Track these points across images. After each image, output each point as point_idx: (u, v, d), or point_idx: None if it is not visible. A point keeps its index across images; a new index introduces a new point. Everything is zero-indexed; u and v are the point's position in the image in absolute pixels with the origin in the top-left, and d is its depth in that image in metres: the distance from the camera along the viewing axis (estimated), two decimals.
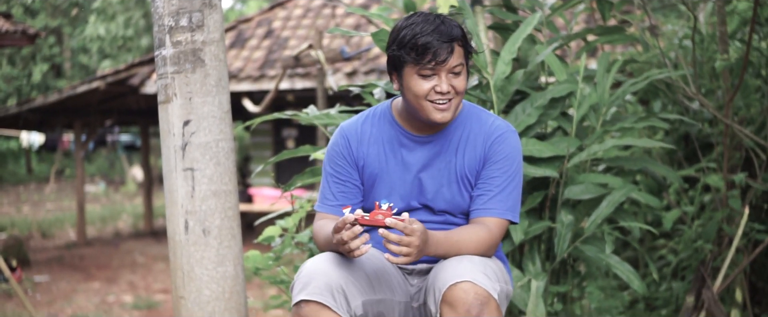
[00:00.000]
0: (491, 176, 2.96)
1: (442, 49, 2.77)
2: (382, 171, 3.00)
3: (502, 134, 2.98)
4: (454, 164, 2.98)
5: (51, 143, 35.57)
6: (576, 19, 5.07)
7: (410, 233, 2.61)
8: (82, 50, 29.16)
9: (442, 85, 2.81)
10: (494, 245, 2.93)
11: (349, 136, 3.05)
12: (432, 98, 2.84)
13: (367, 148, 3.02)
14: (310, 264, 2.77)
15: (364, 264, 2.88)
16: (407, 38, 2.79)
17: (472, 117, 3.03)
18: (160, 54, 3.20)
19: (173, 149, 3.19)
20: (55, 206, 21.40)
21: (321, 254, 2.84)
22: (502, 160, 2.96)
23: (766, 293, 5.27)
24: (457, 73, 2.84)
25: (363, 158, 3.02)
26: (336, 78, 11.25)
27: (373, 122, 3.06)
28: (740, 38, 5.47)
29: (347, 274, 2.77)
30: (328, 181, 3.05)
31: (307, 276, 2.72)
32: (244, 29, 14.10)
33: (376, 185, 3.01)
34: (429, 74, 2.81)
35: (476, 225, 2.93)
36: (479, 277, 2.66)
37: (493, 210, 2.95)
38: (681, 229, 5.49)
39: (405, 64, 2.83)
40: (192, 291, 3.21)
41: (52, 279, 11.27)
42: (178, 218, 3.21)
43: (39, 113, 15.00)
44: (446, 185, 2.98)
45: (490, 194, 2.95)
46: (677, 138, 5.71)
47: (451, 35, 2.79)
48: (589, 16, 10.88)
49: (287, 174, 13.61)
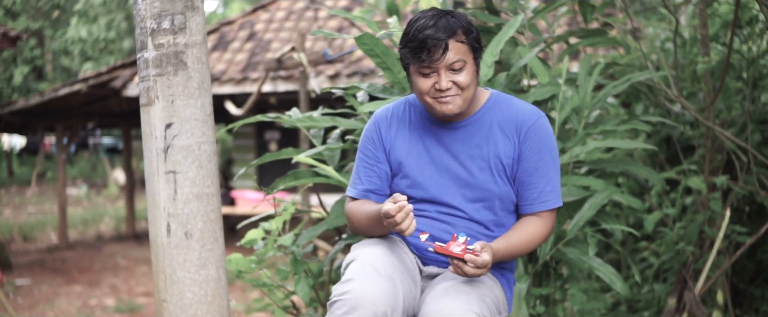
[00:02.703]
0: (536, 168, 2.98)
1: (435, 46, 2.78)
2: (409, 156, 3.03)
3: (534, 122, 2.98)
4: (486, 151, 2.98)
5: (32, 145, 35.44)
6: (558, 22, 5.09)
7: (482, 267, 2.67)
8: (63, 53, 29.01)
9: (441, 82, 2.83)
10: (548, 235, 3.04)
11: (379, 121, 3.11)
12: (434, 95, 2.87)
13: (396, 132, 3.06)
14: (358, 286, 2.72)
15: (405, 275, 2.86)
16: (409, 35, 2.83)
17: (501, 104, 3.04)
18: (142, 57, 3.19)
19: (155, 152, 3.18)
20: (37, 209, 21.30)
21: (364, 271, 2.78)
22: (541, 150, 2.98)
23: (748, 295, 5.30)
24: (457, 70, 2.84)
25: (390, 142, 3.06)
26: (319, 81, 11.24)
27: (405, 108, 3.11)
28: (722, 41, 5.50)
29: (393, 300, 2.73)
30: (358, 166, 3.12)
31: (355, 300, 2.69)
32: (227, 32, 14.07)
33: (403, 170, 3.04)
34: (428, 72, 2.84)
35: (531, 222, 3.00)
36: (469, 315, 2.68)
37: (545, 203, 3.00)
38: (663, 231, 5.52)
39: (410, 64, 2.88)
40: (174, 294, 3.20)
41: (33, 283, 11.21)
42: (161, 221, 3.19)
43: (20, 115, 14.92)
44: (478, 171, 2.98)
45: (539, 186, 2.99)
46: (659, 141, 5.74)
47: (449, 30, 2.79)
48: (571, 18, 10.91)
49: (270, 177, 13.48)
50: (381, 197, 3.07)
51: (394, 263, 2.86)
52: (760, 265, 5.34)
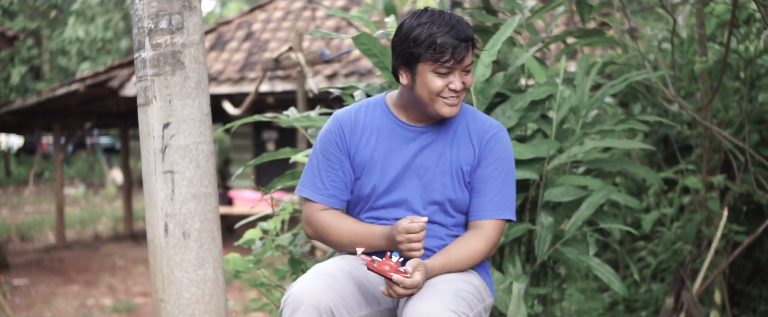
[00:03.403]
0: (489, 177, 3.01)
1: (460, 48, 2.83)
2: (374, 159, 3.02)
3: (496, 133, 3.04)
4: (448, 157, 3.01)
5: (30, 145, 35.38)
6: (556, 22, 5.09)
7: (411, 288, 2.69)
8: (61, 52, 28.94)
9: (455, 82, 2.88)
10: (491, 250, 3.01)
11: (342, 123, 3.07)
12: (445, 94, 2.90)
13: (360, 136, 3.04)
14: (297, 287, 2.78)
15: (351, 280, 2.89)
16: (423, 36, 2.84)
17: (466, 114, 3.08)
18: (139, 56, 3.19)
19: (153, 152, 3.18)
20: (34, 209, 21.27)
21: (306, 276, 2.84)
22: (498, 160, 3.02)
23: (745, 294, 5.31)
24: (468, 71, 2.91)
25: (355, 146, 3.04)
26: (316, 80, 11.24)
27: (367, 111, 3.09)
28: (719, 41, 5.50)
29: (335, 294, 2.77)
30: (319, 169, 3.06)
31: (296, 300, 2.74)
32: (224, 32, 14.06)
33: (367, 172, 3.03)
34: (445, 73, 2.87)
35: (472, 236, 2.99)
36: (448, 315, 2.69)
37: (491, 213, 3.01)
38: (660, 231, 5.52)
39: (419, 62, 2.88)
40: (172, 294, 3.20)
41: (31, 283, 11.20)
42: (158, 221, 3.19)
43: (18, 115, 14.90)
44: (439, 176, 3.00)
45: (488, 195, 3.01)
46: (656, 140, 5.73)
47: (467, 35, 2.85)
48: (568, 18, 10.91)
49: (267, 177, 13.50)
50: (343, 203, 3.07)
51: (343, 266, 2.93)
52: (758, 265, 5.34)
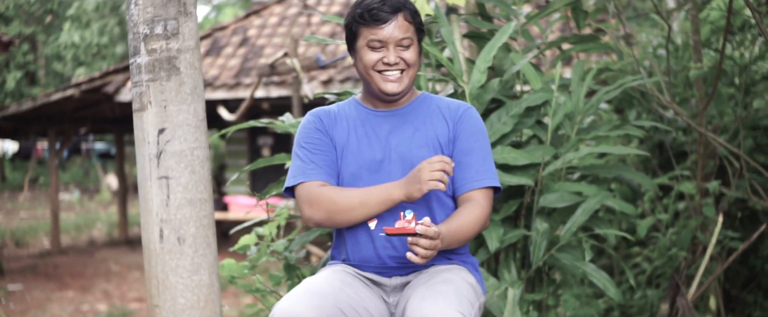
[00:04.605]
0: (471, 149, 3.05)
1: (385, 14, 2.91)
2: (350, 142, 3.06)
3: (466, 109, 3.11)
4: (422, 132, 3.05)
5: (25, 151, 35.36)
6: (551, 28, 5.09)
7: (435, 237, 2.68)
8: (56, 58, 28.93)
9: (389, 56, 2.94)
10: (487, 218, 3.03)
11: (320, 115, 3.12)
12: (380, 68, 2.96)
13: (335, 124, 3.09)
14: (284, 304, 2.75)
15: (338, 299, 2.85)
16: (358, 8, 2.96)
17: (433, 98, 3.15)
18: (134, 62, 3.19)
19: (148, 158, 3.17)
20: (29, 214, 21.24)
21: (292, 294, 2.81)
22: (475, 133, 3.07)
23: (740, 300, 5.31)
24: (405, 47, 2.96)
25: (332, 132, 3.08)
26: (311, 86, 11.24)
27: (339, 106, 3.16)
28: (714, 47, 5.51)
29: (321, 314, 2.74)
30: (306, 154, 3.05)
31: None
32: (220, 37, 14.07)
33: (345, 155, 3.05)
34: (377, 46, 2.95)
35: (467, 207, 3.00)
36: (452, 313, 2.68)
37: (483, 180, 3.03)
38: (655, 237, 5.52)
39: (357, 36, 2.98)
40: (167, 299, 3.20)
41: (25, 288, 11.18)
42: (153, 226, 3.19)
43: (13, 120, 14.89)
44: (416, 149, 3.02)
45: (474, 166, 3.04)
46: (652, 146, 5.74)
47: (396, 5, 2.93)
48: (564, 24, 10.92)
49: (263, 182, 13.50)
50: (336, 182, 3.06)
51: (333, 282, 2.91)
52: (753, 271, 5.34)
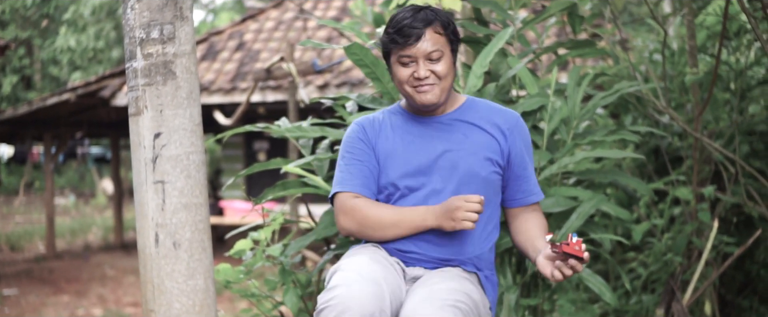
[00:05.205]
0: (527, 162, 3.15)
1: (412, 32, 2.92)
2: (396, 149, 3.10)
3: (518, 119, 3.16)
4: (472, 139, 3.08)
5: (20, 155, 35.29)
6: (547, 33, 5.10)
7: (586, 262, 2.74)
8: (52, 62, 28.91)
9: (419, 70, 2.96)
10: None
11: (363, 124, 3.18)
12: (412, 83, 2.99)
13: (379, 132, 3.14)
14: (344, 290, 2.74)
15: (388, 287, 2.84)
16: (390, 24, 2.98)
17: (479, 104, 3.18)
18: (131, 66, 3.19)
19: (144, 162, 3.17)
20: (25, 218, 21.22)
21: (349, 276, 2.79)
22: (528, 145, 3.18)
23: (736, 306, 5.31)
24: (435, 60, 2.97)
25: (375, 140, 3.13)
26: (308, 91, 11.24)
27: (384, 114, 3.21)
28: (710, 53, 5.52)
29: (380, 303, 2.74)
30: (347, 164, 3.13)
31: (342, 304, 2.71)
32: (216, 42, 14.06)
33: (390, 160, 3.09)
34: (407, 61, 2.97)
35: (536, 216, 3.15)
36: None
37: (538, 195, 3.19)
38: (651, 242, 5.52)
39: (390, 54, 3.01)
40: (162, 304, 3.19)
41: (20, 293, 11.17)
42: (149, 231, 3.19)
43: (8, 125, 14.89)
44: (464, 157, 3.05)
45: (531, 179, 3.17)
46: (647, 151, 5.75)
47: (425, 21, 2.93)
48: (560, 29, 10.94)
49: (258, 187, 13.49)
50: (373, 194, 3.10)
51: (378, 269, 2.88)
52: (748, 276, 5.35)
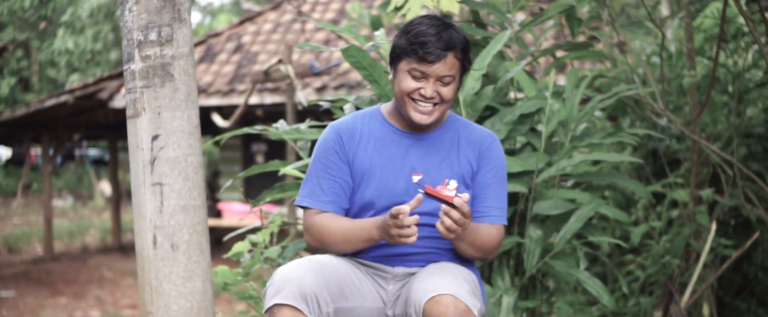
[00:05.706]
0: (488, 183, 3.07)
1: (435, 51, 2.86)
2: (373, 167, 3.04)
3: (493, 141, 3.11)
4: (448, 162, 3.05)
5: (18, 157, 35.18)
6: (545, 35, 5.10)
7: (468, 216, 2.71)
8: (50, 64, 28.85)
9: (427, 89, 2.91)
10: (496, 250, 3.06)
11: (340, 132, 3.09)
12: (415, 97, 2.93)
13: (358, 144, 3.07)
14: (283, 270, 2.82)
15: (337, 271, 2.92)
16: (411, 32, 2.90)
17: (460, 123, 3.14)
18: (128, 68, 3.19)
19: (142, 164, 3.17)
20: (22, 220, 21.21)
21: (295, 261, 2.88)
22: (496, 167, 3.09)
23: (733, 308, 5.31)
24: (445, 83, 2.93)
25: (353, 153, 3.05)
26: (306, 93, 11.24)
27: (363, 120, 3.12)
28: (708, 55, 5.52)
29: (320, 281, 2.81)
30: (319, 177, 3.06)
31: (281, 281, 2.77)
32: (214, 44, 14.06)
33: (366, 180, 3.03)
34: (418, 76, 2.91)
35: (490, 226, 3.04)
36: (461, 292, 2.71)
37: (495, 217, 3.06)
38: (649, 244, 5.52)
39: (401, 58, 2.94)
40: (160, 306, 3.19)
41: (18, 295, 11.16)
42: (147, 233, 3.18)
43: (6, 126, 14.87)
44: (441, 178, 2.99)
45: (488, 201, 3.06)
46: (645, 154, 5.75)
47: (449, 43, 2.88)
48: (558, 32, 10.92)
49: (256, 189, 13.48)
50: (342, 210, 3.06)
51: (332, 258, 2.98)
52: (746, 278, 5.35)
